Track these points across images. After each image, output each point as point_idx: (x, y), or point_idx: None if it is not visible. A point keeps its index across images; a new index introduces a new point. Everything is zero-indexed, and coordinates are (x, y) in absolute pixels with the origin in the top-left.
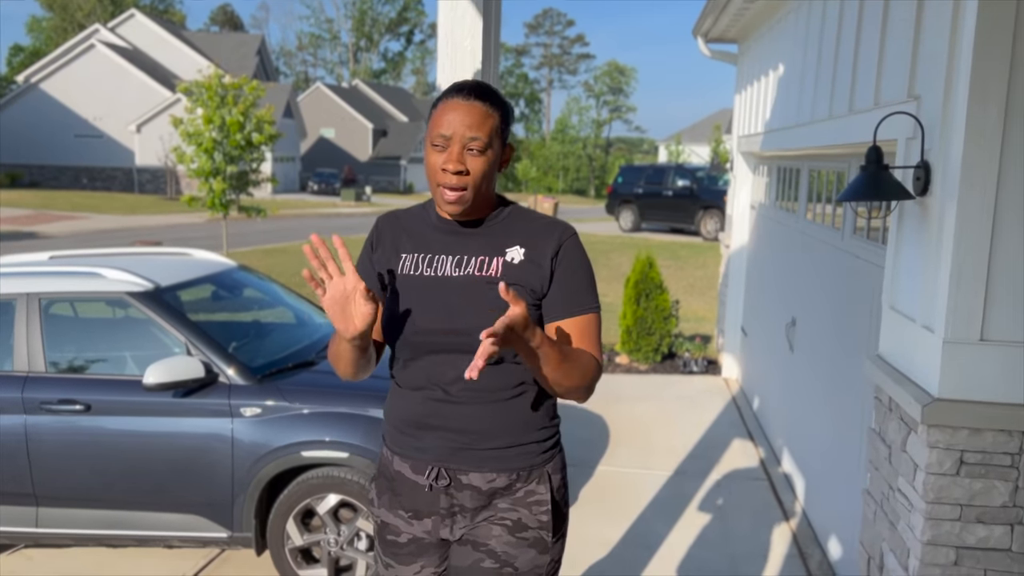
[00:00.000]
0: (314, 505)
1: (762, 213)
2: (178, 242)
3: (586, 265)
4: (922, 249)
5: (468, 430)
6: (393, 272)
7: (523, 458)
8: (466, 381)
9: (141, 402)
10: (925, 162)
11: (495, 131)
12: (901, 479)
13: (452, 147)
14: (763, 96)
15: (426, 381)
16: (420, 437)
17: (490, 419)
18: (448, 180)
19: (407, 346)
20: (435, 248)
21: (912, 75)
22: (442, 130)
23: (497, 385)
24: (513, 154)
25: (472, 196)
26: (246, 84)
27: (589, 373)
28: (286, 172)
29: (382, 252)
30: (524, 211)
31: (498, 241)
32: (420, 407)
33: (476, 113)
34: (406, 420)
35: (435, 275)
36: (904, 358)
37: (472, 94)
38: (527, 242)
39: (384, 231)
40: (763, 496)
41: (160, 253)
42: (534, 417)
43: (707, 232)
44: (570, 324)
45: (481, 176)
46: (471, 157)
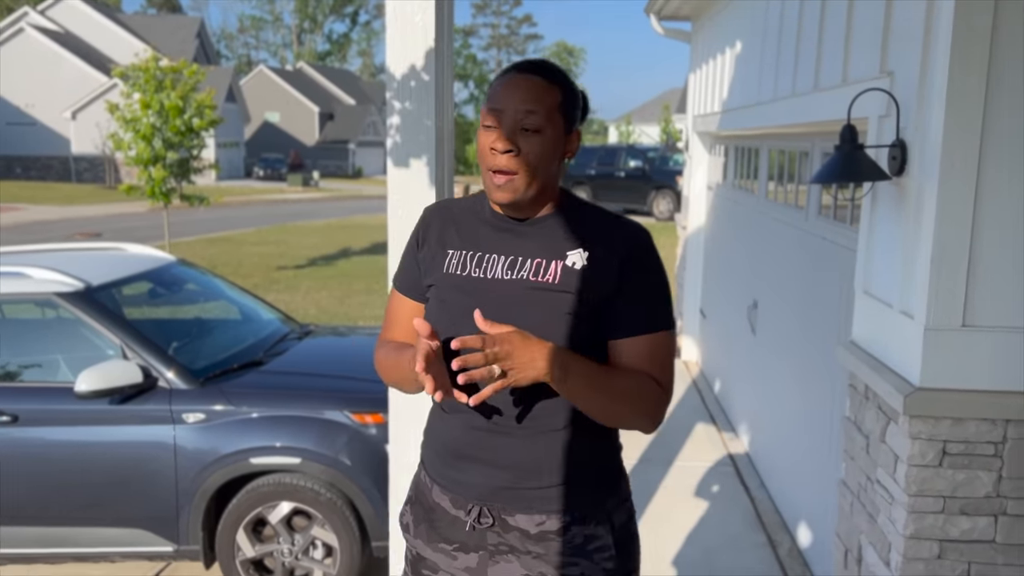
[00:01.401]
0: (265, 514)
1: (720, 194)
2: (119, 232)
3: (660, 274)
4: (899, 231)
5: (514, 466)
6: (439, 270)
7: (578, 499)
8: (513, 408)
9: (74, 411)
10: (901, 141)
11: (556, 109)
12: (880, 470)
13: (504, 123)
14: (720, 75)
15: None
16: (462, 469)
17: (540, 454)
18: (497, 161)
19: (446, 356)
20: (486, 246)
21: (884, 49)
22: (494, 104)
23: (548, 414)
24: (580, 140)
25: (526, 183)
26: (185, 68)
27: (647, 401)
28: (230, 158)
29: (428, 250)
30: (592, 208)
31: (559, 242)
32: (460, 434)
33: (534, 87)
34: (446, 447)
35: (484, 277)
36: (881, 345)
37: (531, 69)
38: (591, 244)
39: (431, 224)
40: (730, 483)
41: (92, 249)
42: (592, 451)
43: (660, 213)
44: (635, 344)
45: (537, 159)
46: (525, 136)
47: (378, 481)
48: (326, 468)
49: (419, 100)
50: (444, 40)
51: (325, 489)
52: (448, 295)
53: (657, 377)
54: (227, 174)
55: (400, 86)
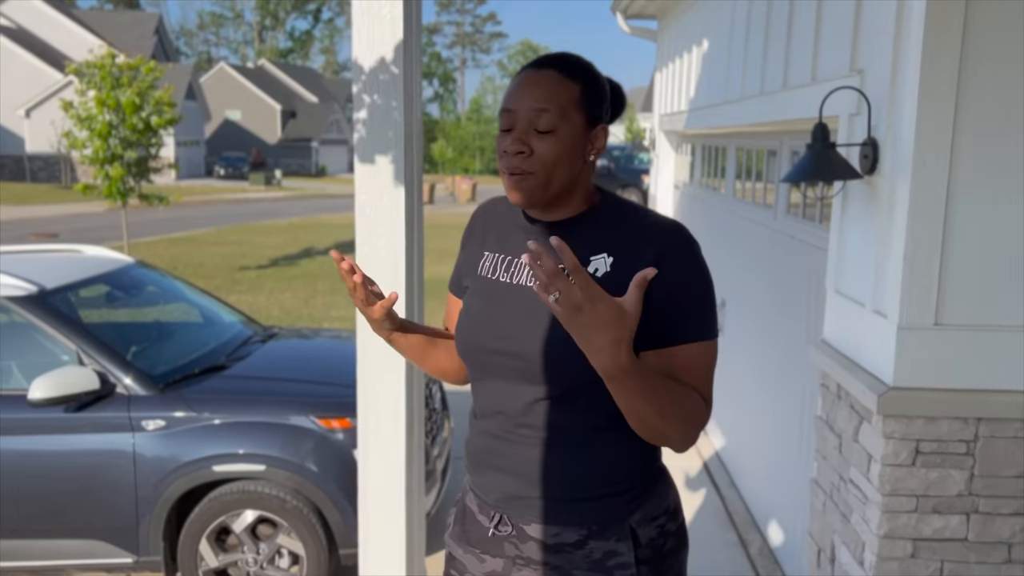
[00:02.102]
0: (229, 523)
1: (687, 193)
2: (76, 233)
3: (698, 279)
4: (870, 230)
5: (529, 475)
6: (473, 271)
7: (596, 512)
8: (527, 416)
9: (28, 419)
10: (872, 139)
11: (573, 105)
12: (853, 470)
13: (517, 125)
14: (686, 73)
15: (489, 409)
16: (484, 475)
17: (556, 464)
18: (510, 163)
19: (469, 363)
20: (517, 249)
21: (854, 47)
22: (507, 104)
23: (567, 424)
24: (607, 136)
25: (542, 184)
26: (142, 64)
27: (692, 416)
28: (190, 156)
29: (470, 249)
30: (629, 208)
31: (584, 247)
32: (481, 440)
33: (547, 83)
34: (471, 453)
35: (511, 283)
36: (853, 344)
37: (545, 64)
38: (618, 248)
39: (477, 224)
40: (699, 479)
41: (47, 251)
42: (615, 462)
43: None
44: (669, 355)
45: (552, 159)
46: (538, 136)
47: (345, 488)
48: (291, 475)
49: (388, 94)
50: (413, 35)
51: (291, 496)
52: (473, 300)
53: (700, 390)
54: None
55: (368, 79)
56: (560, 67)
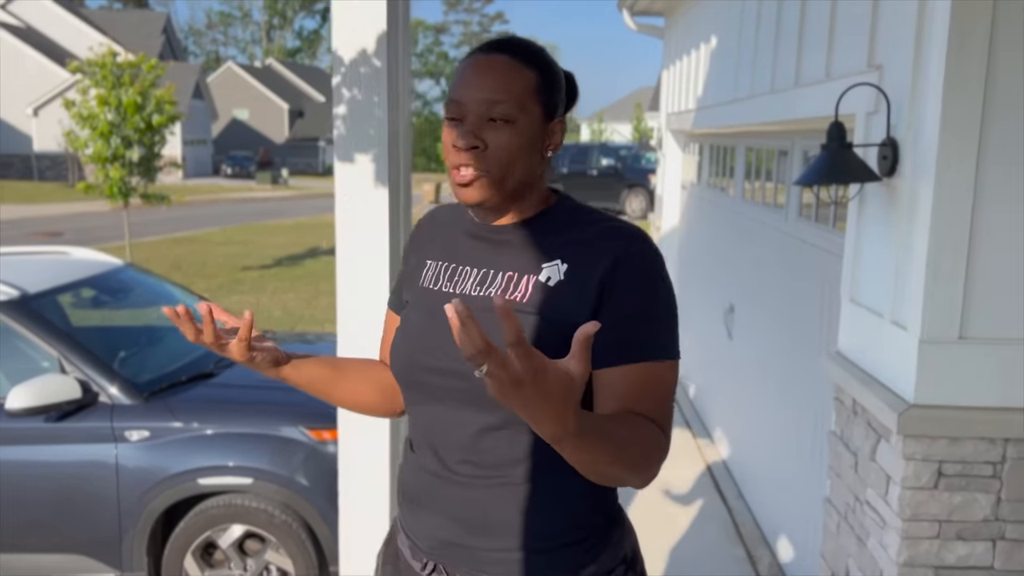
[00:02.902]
0: (215, 538)
1: (694, 193)
2: (81, 232)
3: (659, 292)
4: (890, 236)
5: (469, 520)
6: (415, 283)
7: (544, 566)
8: (466, 450)
9: (7, 429)
10: (892, 139)
11: (530, 94)
12: (870, 491)
13: (468, 117)
14: (695, 71)
15: (426, 440)
16: (415, 516)
17: (495, 509)
18: (460, 159)
19: (405, 385)
20: (462, 257)
21: (872, 41)
22: (456, 94)
23: (515, 459)
24: (564, 131)
25: (496, 182)
26: (144, 62)
27: (650, 455)
28: (198, 155)
29: (410, 260)
30: (585, 212)
31: (536, 253)
32: (416, 477)
33: (500, 69)
34: (402, 489)
35: (453, 292)
36: (870, 357)
37: (498, 48)
38: (573, 254)
39: (420, 233)
40: (706, 493)
41: (33, 253)
42: (566, 507)
43: (632, 211)
44: (623, 374)
45: (508, 154)
46: (492, 128)
47: (336, 502)
48: (280, 488)
49: (370, 88)
50: (398, 27)
51: (279, 511)
52: (412, 314)
53: (655, 419)
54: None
55: (348, 72)
56: (514, 52)
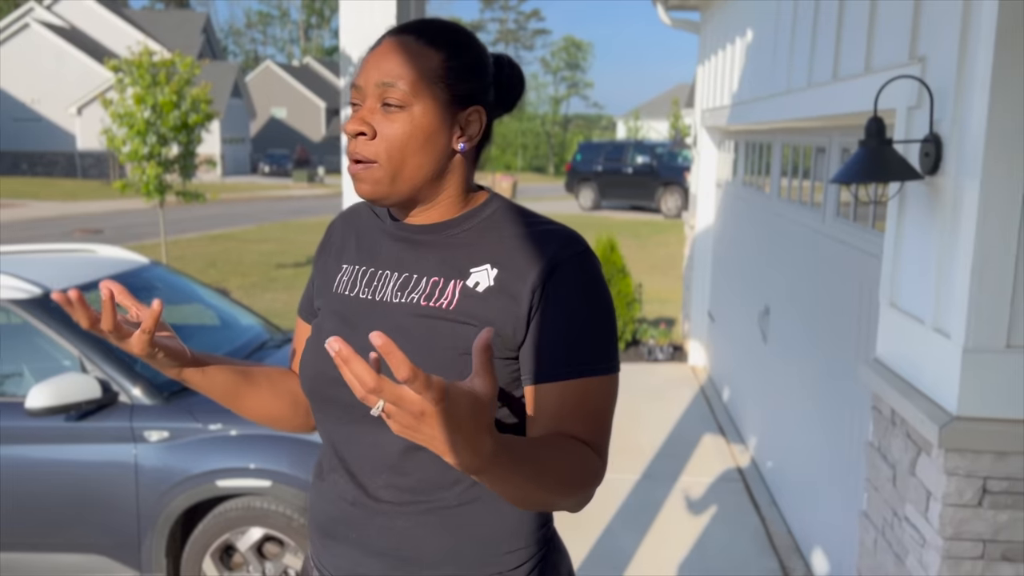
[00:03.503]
0: (234, 540)
1: (729, 191)
2: (120, 229)
3: (596, 301)
4: (932, 238)
5: (391, 552)
6: (328, 288)
7: None
8: (390, 473)
9: (28, 427)
10: (935, 135)
11: (431, 78)
12: (909, 506)
13: (363, 101)
14: (730, 66)
15: (338, 463)
16: (332, 551)
17: (426, 538)
18: (351, 147)
19: (315, 401)
20: (381, 260)
21: (914, 32)
22: (355, 79)
23: (434, 483)
24: (483, 120)
25: (388, 176)
26: (179, 61)
27: (583, 479)
28: (236, 154)
29: (324, 262)
30: (516, 212)
31: (463, 256)
32: (327, 505)
33: (401, 51)
34: (314, 521)
35: (373, 299)
36: (910, 364)
37: (405, 30)
38: (503, 259)
39: (334, 234)
40: (739, 501)
41: (61, 251)
42: (496, 535)
43: (668, 209)
44: (557, 392)
45: (400, 142)
46: (384, 115)
47: None
48: (299, 492)
49: None
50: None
51: (298, 514)
52: (325, 322)
53: (589, 441)
54: (233, 170)
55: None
56: (420, 33)
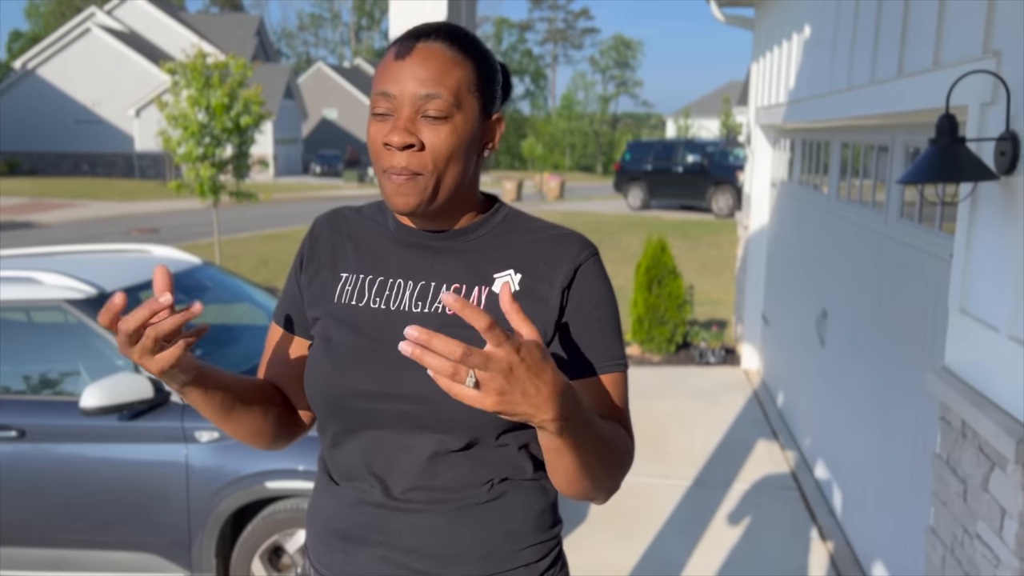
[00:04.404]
0: (283, 542)
1: (785, 191)
2: (176, 228)
3: (610, 301)
4: (1008, 241)
5: (421, 551)
6: (328, 299)
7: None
8: (419, 477)
9: (82, 426)
10: (1012, 132)
11: (468, 88)
12: (982, 524)
13: (400, 112)
14: (786, 63)
15: (363, 470)
16: (351, 556)
17: (455, 536)
18: (394, 161)
19: (335, 414)
20: (391, 269)
21: (989, 24)
22: (385, 86)
23: (466, 482)
24: (502, 128)
25: (432, 185)
26: (233, 63)
27: (625, 457)
28: (288, 154)
29: (315, 270)
30: (523, 217)
31: (484, 261)
32: (349, 510)
33: (436, 60)
34: (330, 528)
35: (388, 309)
36: (983, 374)
37: (432, 35)
38: (525, 264)
39: (321, 239)
40: (794, 508)
41: (115, 251)
42: (522, 529)
43: (719, 209)
44: (587, 386)
45: (446, 153)
46: (428, 125)
47: None
48: None
49: None
50: (461, 19)
51: None
52: (336, 333)
53: (624, 424)
54: (285, 170)
55: None
56: (450, 40)
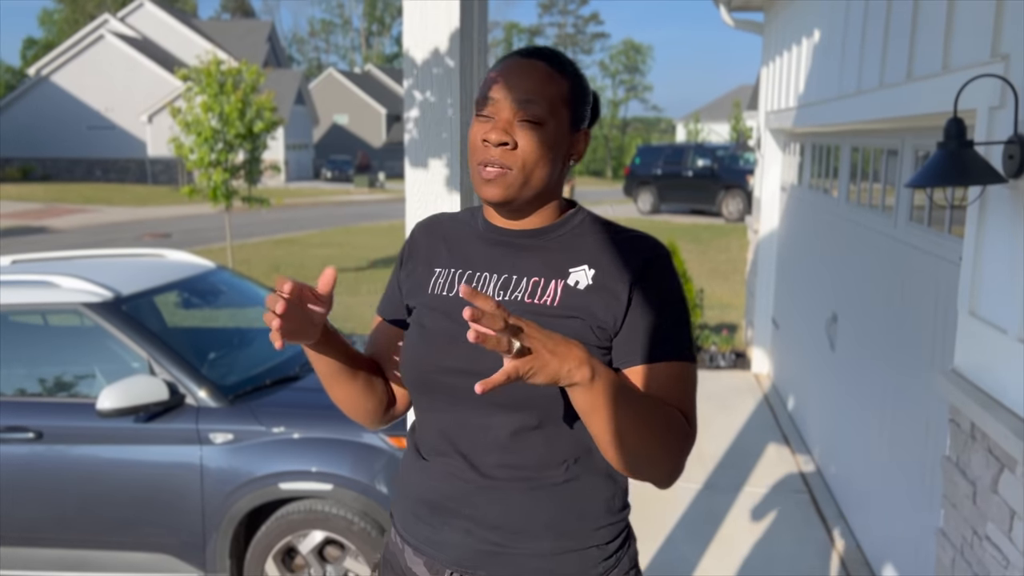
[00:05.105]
0: (296, 543)
1: (795, 195)
2: (188, 233)
3: (678, 298)
4: (1016, 244)
5: (504, 525)
6: (423, 291)
7: (581, 567)
8: (501, 453)
9: (99, 428)
10: (1020, 136)
11: (561, 101)
12: (991, 525)
13: (499, 114)
14: (795, 67)
15: (448, 446)
16: (438, 527)
17: (535, 510)
18: (489, 155)
19: (424, 389)
20: (478, 263)
21: (997, 29)
22: (489, 91)
23: (545, 461)
24: (587, 143)
25: (520, 181)
26: (246, 69)
27: (676, 434)
28: (299, 159)
29: (412, 267)
30: (602, 221)
31: (561, 258)
32: (439, 483)
33: (537, 74)
34: (420, 499)
35: None
36: (992, 376)
37: (535, 54)
38: (598, 261)
39: (418, 241)
40: (804, 512)
41: (130, 255)
42: (594, 510)
43: (729, 213)
44: (650, 372)
45: (535, 155)
46: (523, 129)
47: None
48: (359, 496)
49: (443, 90)
50: (473, 23)
51: (359, 518)
52: (429, 319)
53: (684, 411)
54: (296, 175)
55: (420, 73)
56: (550, 60)
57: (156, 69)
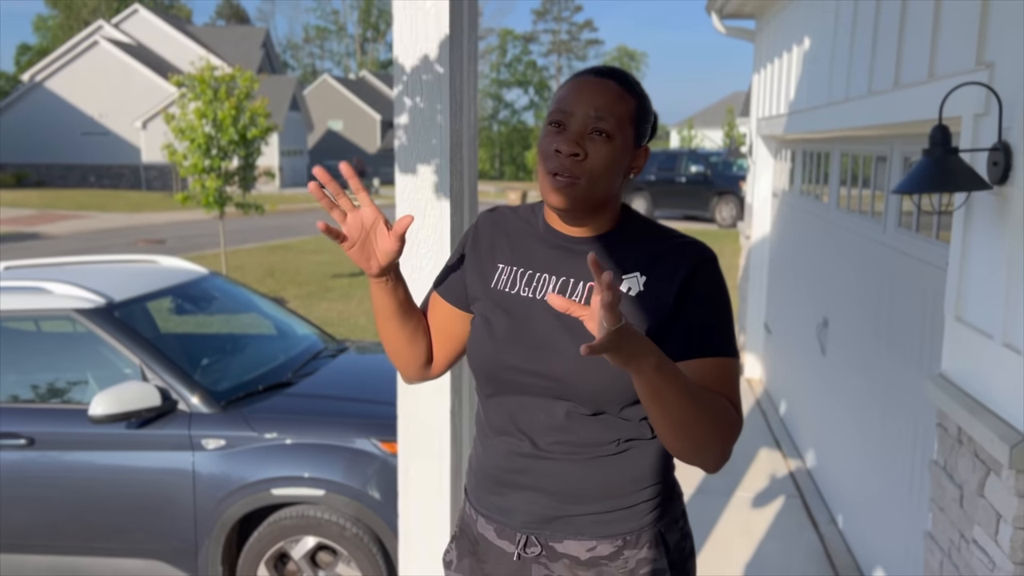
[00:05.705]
0: (288, 549)
1: (786, 201)
2: (182, 239)
3: (724, 302)
4: (1001, 250)
5: (562, 492)
6: (486, 284)
7: (630, 520)
8: (558, 433)
9: (91, 434)
10: (1004, 143)
11: (628, 119)
12: (978, 529)
13: (572, 126)
14: (786, 74)
15: (511, 426)
16: (505, 496)
17: (589, 479)
18: (560, 164)
19: (490, 380)
20: (538, 263)
21: (982, 37)
22: (562, 105)
23: (598, 440)
24: (646, 158)
25: (586, 191)
26: (240, 75)
27: (725, 420)
28: (294, 165)
29: (477, 257)
30: (655, 227)
31: (615, 265)
32: (503, 460)
33: (608, 92)
34: (488, 474)
35: (533, 297)
36: (978, 380)
37: (607, 74)
38: (650, 267)
39: (482, 232)
40: (795, 516)
41: (123, 261)
42: (644, 474)
43: (722, 219)
44: (695, 367)
45: (602, 167)
46: (593, 141)
47: None
48: (351, 501)
49: (432, 96)
50: (463, 31)
51: (351, 524)
52: (493, 315)
53: (732, 401)
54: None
55: (410, 79)
56: (620, 79)
57: (150, 75)
